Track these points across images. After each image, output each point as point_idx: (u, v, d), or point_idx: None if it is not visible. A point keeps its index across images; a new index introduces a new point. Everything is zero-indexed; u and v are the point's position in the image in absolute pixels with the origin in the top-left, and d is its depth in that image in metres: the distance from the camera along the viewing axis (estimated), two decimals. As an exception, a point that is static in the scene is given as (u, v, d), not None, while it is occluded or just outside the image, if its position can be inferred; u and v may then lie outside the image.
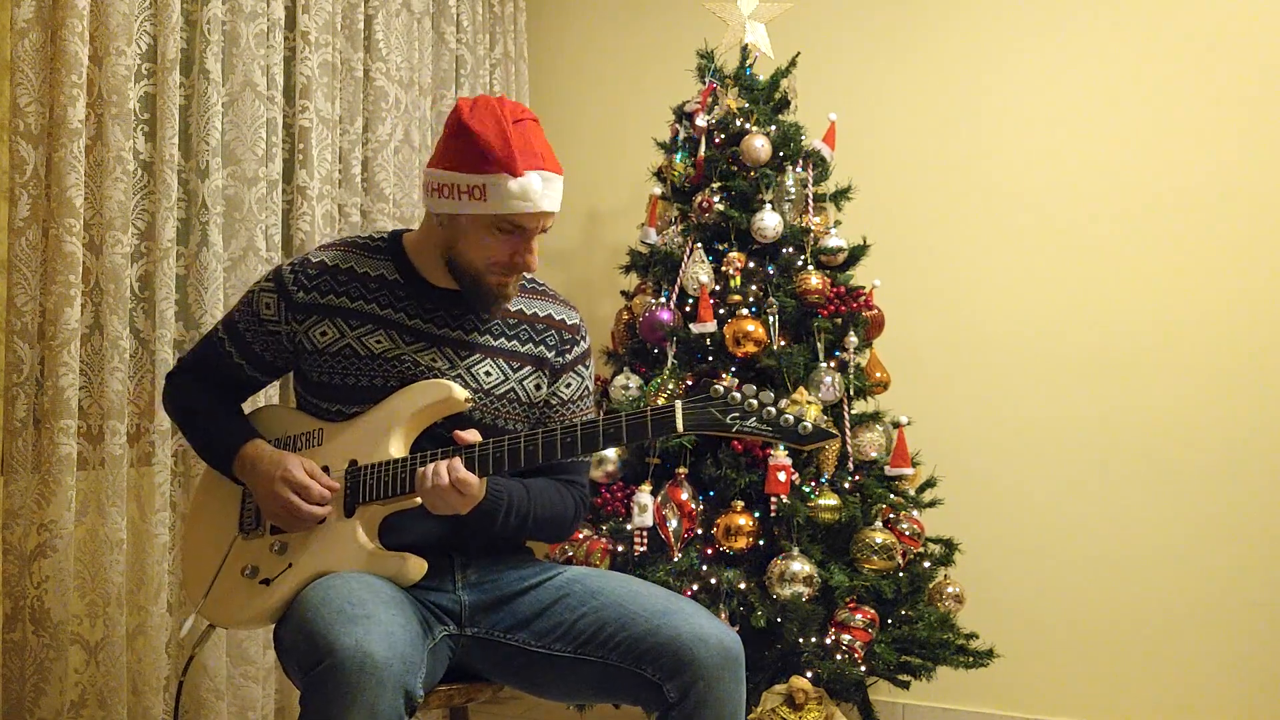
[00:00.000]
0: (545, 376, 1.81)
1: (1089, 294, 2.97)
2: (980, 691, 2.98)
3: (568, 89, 3.65)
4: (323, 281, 1.74)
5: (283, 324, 1.75)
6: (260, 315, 1.76)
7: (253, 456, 1.71)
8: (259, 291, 1.77)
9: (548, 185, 1.65)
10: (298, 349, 1.75)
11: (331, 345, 1.72)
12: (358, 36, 2.80)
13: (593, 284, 3.50)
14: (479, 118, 1.64)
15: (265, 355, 1.79)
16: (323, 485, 1.66)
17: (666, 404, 1.57)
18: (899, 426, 2.59)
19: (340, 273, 1.75)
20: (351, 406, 1.72)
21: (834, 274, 2.66)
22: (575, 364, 1.85)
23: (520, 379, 1.78)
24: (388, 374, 1.71)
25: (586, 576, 1.74)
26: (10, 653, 2.02)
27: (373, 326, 1.72)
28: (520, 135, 1.64)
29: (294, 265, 1.77)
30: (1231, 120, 2.85)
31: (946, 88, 3.14)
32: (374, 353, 1.72)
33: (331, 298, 1.74)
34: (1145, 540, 2.88)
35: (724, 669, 1.59)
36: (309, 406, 1.78)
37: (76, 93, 2.04)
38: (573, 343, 1.84)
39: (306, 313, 1.73)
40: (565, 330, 1.84)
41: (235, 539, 1.75)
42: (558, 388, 1.83)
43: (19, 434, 2.01)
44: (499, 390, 1.76)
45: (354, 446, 1.70)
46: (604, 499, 2.53)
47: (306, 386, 1.78)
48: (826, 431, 1.55)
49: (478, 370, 1.75)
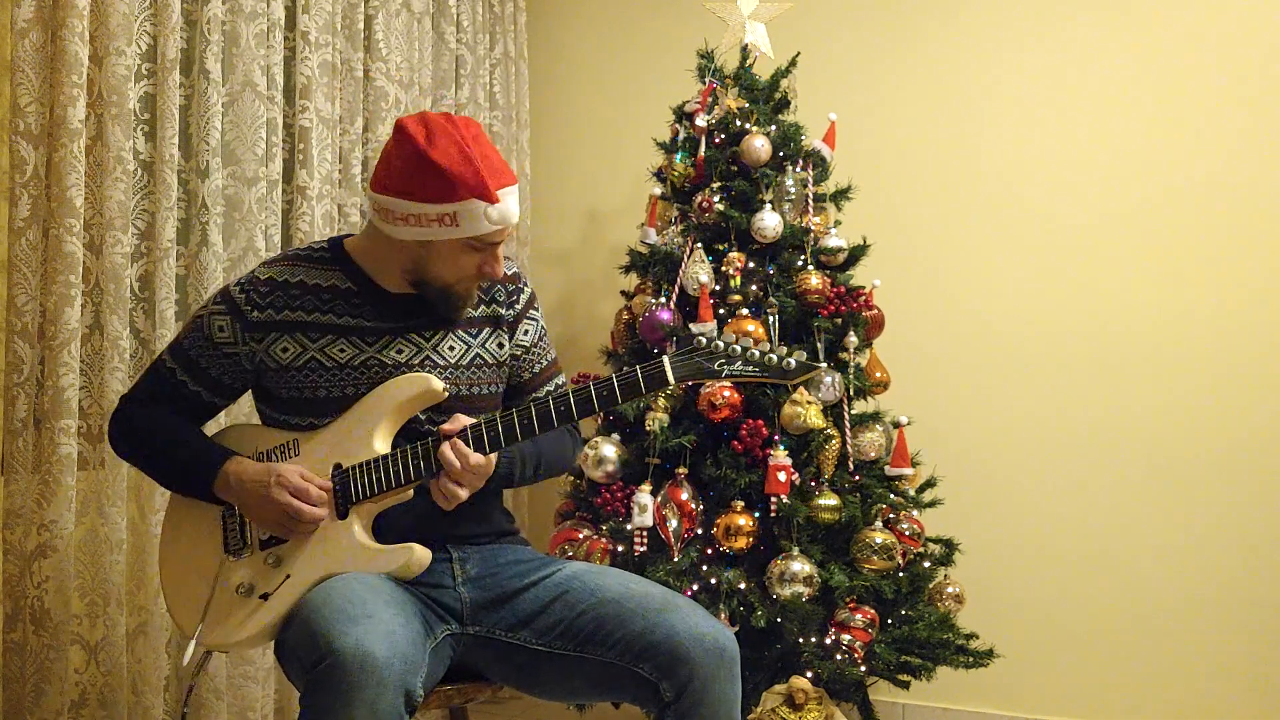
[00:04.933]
0: (504, 332, 1.84)
1: (1089, 294, 2.96)
2: (980, 691, 2.98)
3: (568, 89, 3.65)
4: (275, 297, 1.73)
5: (240, 345, 1.72)
6: (213, 339, 1.73)
7: (236, 472, 1.69)
8: (209, 315, 1.74)
9: (513, 198, 1.68)
10: (258, 368, 1.73)
11: (295, 360, 1.71)
12: (358, 36, 2.80)
13: (593, 284, 3.50)
14: (440, 147, 1.62)
15: (223, 379, 1.76)
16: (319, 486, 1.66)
17: (655, 361, 1.61)
18: (899, 426, 2.59)
19: (291, 286, 1.74)
20: (324, 418, 1.72)
21: (834, 274, 2.66)
22: (526, 310, 1.88)
23: (482, 343, 1.81)
24: (358, 381, 1.71)
25: (586, 573, 1.74)
26: (10, 653, 2.01)
27: (334, 336, 1.72)
28: (482, 154, 1.64)
29: (242, 284, 1.75)
30: (1232, 120, 2.85)
31: (946, 88, 3.14)
32: (340, 362, 1.71)
33: (287, 313, 1.72)
34: (1145, 540, 2.88)
35: (719, 667, 1.60)
36: (277, 422, 1.77)
37: (76, 93, 2.03)
38: (517, 291, 1.87)
39: (264, 330, 1.72)
40: (508, 282, 1.86)
41: (223, 561, 1.71)
42: (517, 338, 1.86)
43: (19, 434, 2.01)
44: (465, 360, 1.78)
45: (334, 451, 1.70)
46: (604, 499, 2.53)
47: (273, 404, 1.76)
48: (811, 364, 1.61)
49: (442, 347, 1.76)
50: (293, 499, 1.64)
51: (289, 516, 1.64)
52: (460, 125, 1.66)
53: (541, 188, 3.64)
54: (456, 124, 1.65)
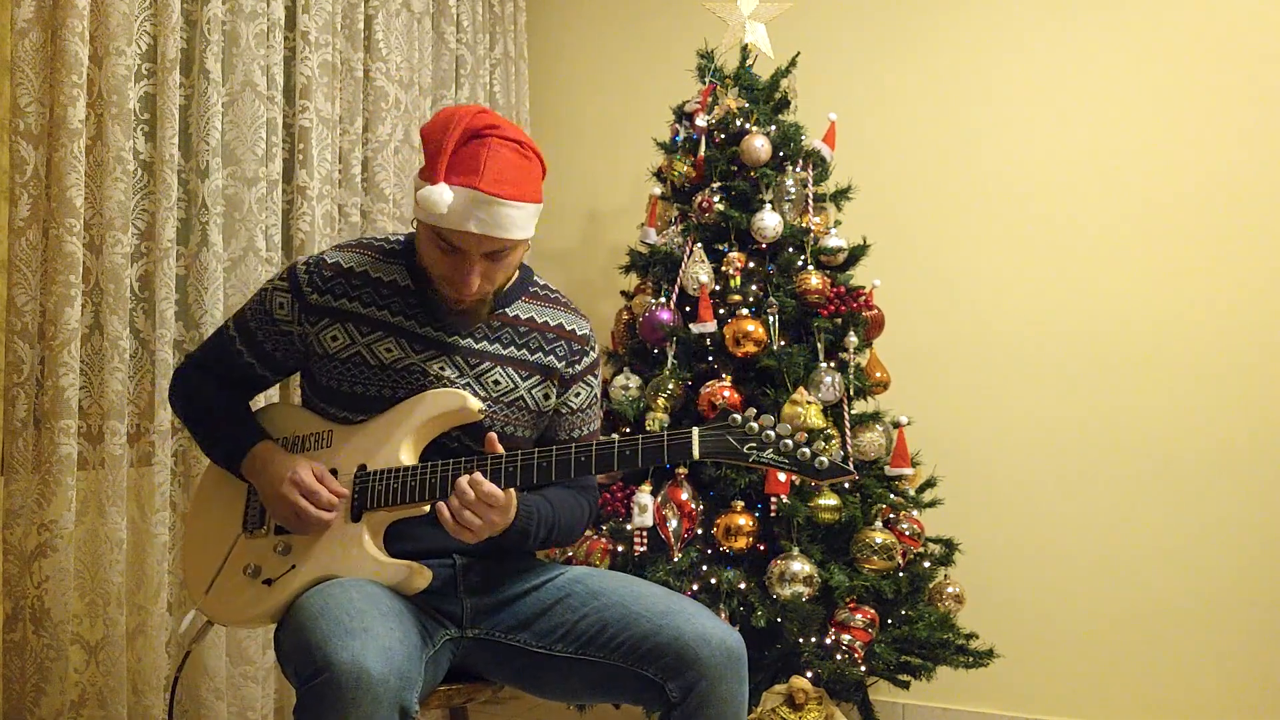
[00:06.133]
0: (554, 386, 1.80)
1: (1089, 294, 2.96)
2: (980, 691, 2.98)
3: (568, 89, 3.65)
4: (337, 284, 1.72)
5: (295, 325, 1.73)
6: (273, 314, 1.74)
7: (263, 458, 1.70)
8: (273, 290, 1.75)
9: (478, 207, 1.57)
10: (308, 351, 1.73)
11: (342, 351, 1.70)
12: (358, 36, 2.80)
13: (593, 284, 3.50)
14: (437, 121, 1.60)
15: (276, 354, 1.77)
16: (331, 491, 1.65)
17: (684, 430, 1.57)
18: (899, 426, 2.59)
19: (355, 276, 1.73)
20: (359, 415, 1.71)
21: (834, 274, 2.66)
22: (585, 374, 1.84)
23: (529, 387, 1.77)
24: (396, 384, 1.70)
25: (588, 577, 1.74)
26: (10, 653, 2.02)
27: (383, 334, 1.70)
28: (470, 149, 1.57)
29: (309, 265, 1.74)
30: (1233, 120, 2.85)
31: (946, 88, 3.14)
32: (384, 362, 1.70)
33: (344, 301, 1.71)
34: (1145, 540, 2.88)
35: (726, 668, 1.59)
36: (317, 409, 1.77)
37: (76, 93, 2.03)
38: (582, 353, 1.83)
39: (319, 315, 1.71)
40: (575, 341, 1.82)
41: (239, 537, 1.75)
42: (567, 398, 1.82)
43: (19, 434, 2.01)
44: (508, 398, 1.75)
45: (363, 451, 1.69)
46: (604, 499, 2.53)
47: (315, 389, 1.77)
48: (843, 468, 1.55)
49: (487, 379, 1.73)
50: (300, 499, 1.64)
51: (295, 515, 1.65)
52: (481, 119, 1.59)
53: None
54: (477, 116, 1.59)
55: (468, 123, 1.59)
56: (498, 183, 1.58)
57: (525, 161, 1.62)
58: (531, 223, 1.65)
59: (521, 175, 1.61)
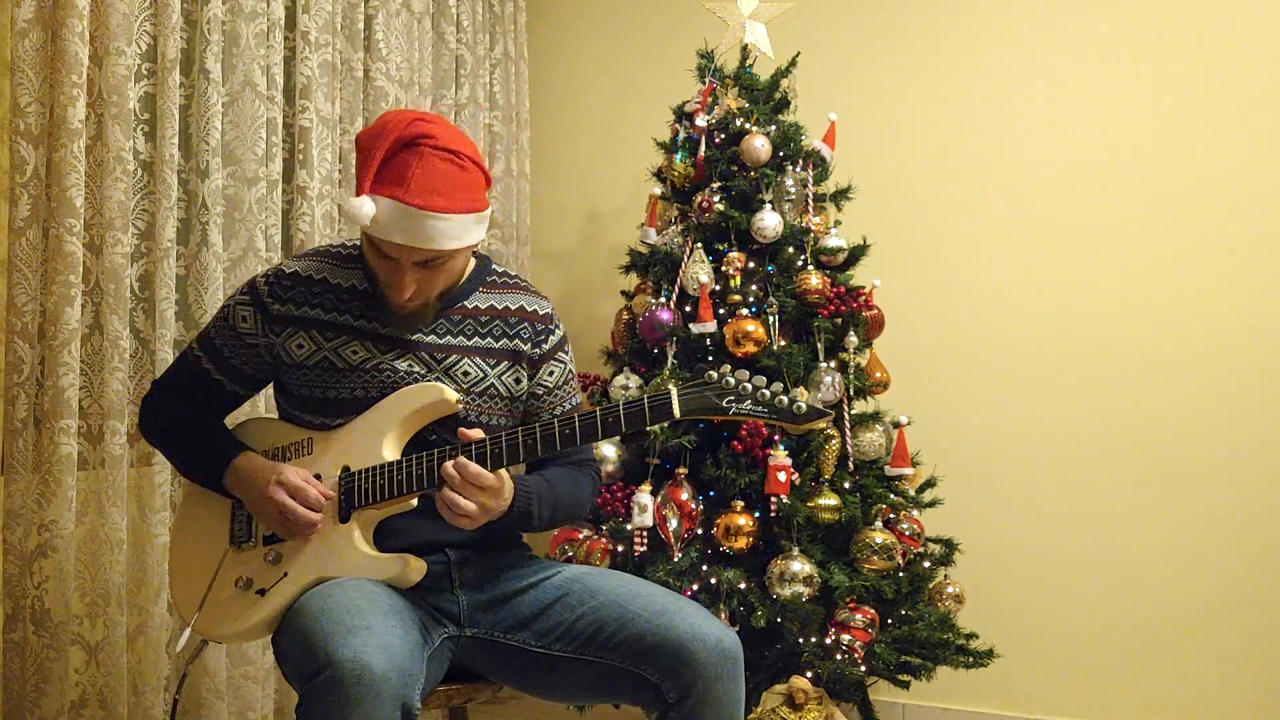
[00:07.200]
0: (524, 369, 1.81)
1: (1089, 294, 2.96)
2: (980, 691, 2.98)
3: (568, 89, 3.65)
4: (297, 292, 1.73)
5: (261, 336, 1.73)
6: (238, 328, 1.74)
7: (246, 468, 1.70)
8: (235, 305, 1.76)
9: (404, 219, 1.56)
10: (276, 361, 1.74)
11: (309, 358, 1.71)
12: (358, 36, 2.80)
13: (593, 284, 3.50)
14: (372, 129, 1.60)
15: (245, 369, 1.77)
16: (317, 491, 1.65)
17: (663, 392, 1.58)
18: (899, 426, 2.59)
19: (314, 283, 1.74)
20: (335, 419, 1.72)
21: (834, 274, 2.66)
22: (554, 352, 1.85)
23: (499, 374, 1.78)
24: (368, 385, 1.70)
25: (586, 575, 1.74)
26: (11, 653, 2.01)
27: (348, 337, 1.71)
28: (400, 158, 1.57)
29: (268, 277, 1.75)
30: (1233, 120, 2.85)
31: (947, 88, 3.14)
32: (352, 364, 1.70)
33: (306, 309, 1.72)
34: (1145, 540, 2.88)
35: (723, 668, 1.59)
36: (293, 419, 1.77)
37: (76, 93, 2.03)
38: (547, 332, 1.84)
39: (283, 325, 1.72)
40: (538, 321, 1.84)
41: (227, 552, 1.73)
42: (540, 378, 1.83)
43: (19, 434, 2.01)
44: (479, 388, 1.76)
45: (345, 453, 1.69)
46: (604, 499, 2.52)
47: (289, 400, 1.77)
48: (820, 410, 1.57)
49: (456, 371, 1.74)
50: (288, 499, 1.64)
51: (284, 516, 1.65)
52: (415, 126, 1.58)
53: (541, 188, 3.64)
54: (411, 124, 1.58)
55: (400, 131, 1.58)
56: (424, 193, 1.57)
57: (459, 171, 1.61)
58: (469, 231, 1.64)
59: (453, 185, 1.60)
